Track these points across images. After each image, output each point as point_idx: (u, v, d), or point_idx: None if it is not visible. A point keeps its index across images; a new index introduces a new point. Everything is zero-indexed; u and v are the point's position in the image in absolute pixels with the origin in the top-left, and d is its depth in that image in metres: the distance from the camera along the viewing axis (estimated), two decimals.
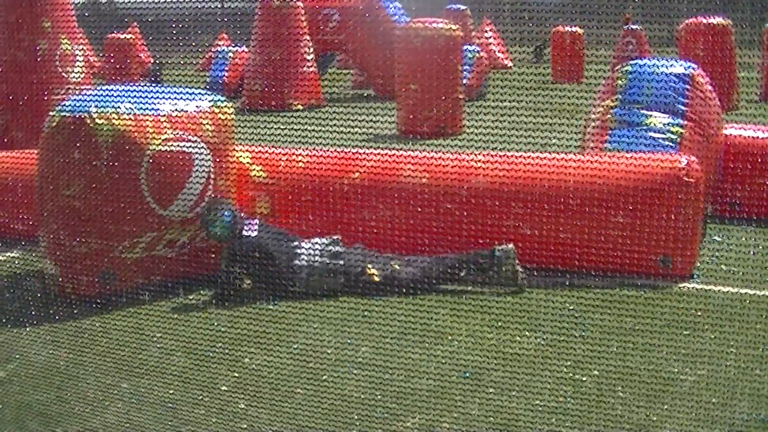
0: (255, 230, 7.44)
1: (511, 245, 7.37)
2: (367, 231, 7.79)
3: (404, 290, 7.12)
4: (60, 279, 7.24)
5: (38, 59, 11.75)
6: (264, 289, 7.23)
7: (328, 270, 7.34)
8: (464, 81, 18.29)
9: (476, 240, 7.49)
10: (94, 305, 6.96)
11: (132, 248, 7.26)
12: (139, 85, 13.56)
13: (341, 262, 7.38)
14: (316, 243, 7.48)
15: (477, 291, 7.29)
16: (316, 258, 7.35)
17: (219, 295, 7.23)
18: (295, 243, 7.47)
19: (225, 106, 7.88)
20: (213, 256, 7.57)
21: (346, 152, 8.22)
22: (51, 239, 7.33)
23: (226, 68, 25.33)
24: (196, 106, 7.65)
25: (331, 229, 7.75)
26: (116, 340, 6.46)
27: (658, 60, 9.57)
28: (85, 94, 7.93)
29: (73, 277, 7.16)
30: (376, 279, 7.33)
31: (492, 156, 7.71)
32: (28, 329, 6.70)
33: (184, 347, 6.27)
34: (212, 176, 7.62)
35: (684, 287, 7.27)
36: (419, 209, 7.75)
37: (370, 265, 7.40)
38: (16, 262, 8.17)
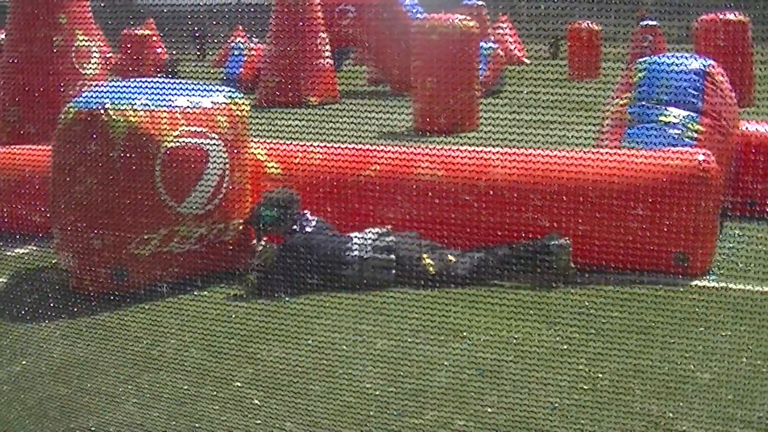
0: (311, 227, 7.50)
1: (567, 239, 7.33)
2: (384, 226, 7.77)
3: (458, 283, 7.11)
4: (74, 274, 7.25)
5: (54, 54, 11.77)
6: (315, 284, 7.24)
7: (381, 266, 7.33)
8: (480, 77, 18.26)
9: (494, 235, 7.47)
10: (110, 300, 6.96)
11: (145, 244, 7.25)
12: (154, 79, 13.55)
13: (393, 257, 7.38)
14: (369, 232, 7.50)
15: (498, 285, 7.26)
16: (369, 251, 7.36)
17: (256, 289, 7.24)
18: (346, 237, 7.49)
19: (240, 101, 7.86)
20: (228, 251, 7.57)
21: (361, 147, 8.20)
22: (65, 234, 7.33)
23: (242, 63, 25.36)
24: (212, 101, 7.63)
25: (347, 224, 7.73)
26: (131, 334, 6.46)
27: (674, 56, 9.52)
28: (100, 89, 7.91)
29: (88, 272, 7.16)
30: (432, 270, 7.32)
31: (508, 151, 7.70)
32: (42, 324, 6.70)
33: (199, 342, 6.27)
34: (227, 172, 7.60)
35: (701, 284, 7.23)
36: (436, 204, 7.72)
37: (426, 255, 7.40)
38: (31, 257, 8.18)
